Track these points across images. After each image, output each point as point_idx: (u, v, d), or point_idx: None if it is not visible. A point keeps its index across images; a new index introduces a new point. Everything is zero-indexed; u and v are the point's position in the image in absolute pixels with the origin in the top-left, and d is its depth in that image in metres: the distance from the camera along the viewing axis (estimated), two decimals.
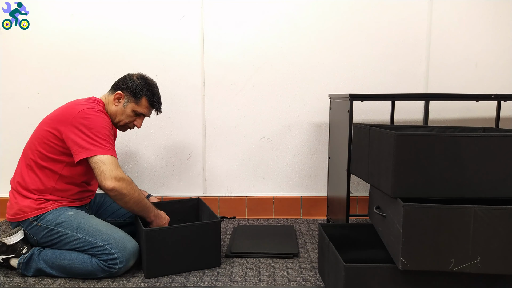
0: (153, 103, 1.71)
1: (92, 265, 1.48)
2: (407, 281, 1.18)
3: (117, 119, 1.69)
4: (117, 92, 1.66)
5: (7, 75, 2.20)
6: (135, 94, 1.66)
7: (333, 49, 2.18)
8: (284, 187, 2.30)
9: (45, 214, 1.53)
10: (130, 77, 1.69)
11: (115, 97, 1.67)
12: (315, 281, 1.50)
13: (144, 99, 1.68)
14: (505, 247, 1.09)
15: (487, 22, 2.16)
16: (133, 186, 1.52)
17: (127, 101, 1.67)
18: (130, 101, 1.67)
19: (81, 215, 1.56)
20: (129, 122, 1.71)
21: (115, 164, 1.48)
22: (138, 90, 1.67)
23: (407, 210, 1.11)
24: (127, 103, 1.67)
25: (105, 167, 1.45)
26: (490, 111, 2.17)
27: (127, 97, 1.67)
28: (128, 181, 1.49)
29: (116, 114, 1.68)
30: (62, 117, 1.53)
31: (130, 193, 1.49)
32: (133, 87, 1.66)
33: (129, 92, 1.66)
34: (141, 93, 1.67)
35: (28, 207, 1.53)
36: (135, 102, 1.67)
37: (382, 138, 1.25)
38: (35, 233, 1.53)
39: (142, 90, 1.67)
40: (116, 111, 1.68)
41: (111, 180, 1.44)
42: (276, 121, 2.24)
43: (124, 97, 1.67)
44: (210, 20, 2.16)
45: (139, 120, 1.72)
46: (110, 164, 1.46)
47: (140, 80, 1.69)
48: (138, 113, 1.70)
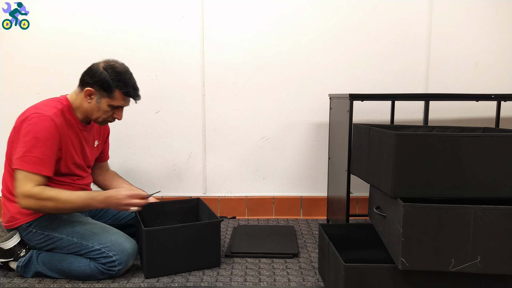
0: (128, 92, 1.53)
1: (91, 268, 1.47)
2: (407, 281, 1.18)
3: (94, 116, 1.56)
4: (86, 89, 1.50)
5: (7, 75, 2.20)
6: (106, 88, 1.50)
7: (333, 49, 2.18)
8: (284, 187, 2.30)
9: (38, 220, 1.50)
10: (97, 69, 1.51)
11: (86, 94, 1.51)
12: (315, 281, 1.50)
13: (118, 92, 1.51)
14: (505, 247, 1.09)
15: (487, 22, 2.16)
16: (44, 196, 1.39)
17: (99, 97, 1.51)
18: (102, 96, 1.51)
19: (75, 218, 1.54)
20: (108, 117, 1.57)
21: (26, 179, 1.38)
22: (109, 83, 1.49)
23: (407, 210, 1.11)
24: (100, 98, 1.51)
25: (17, 183, 1.39)
26: (490, 111, 2.17)
27: (98, 92, 1.51)
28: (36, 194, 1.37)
29: (92, 111, 1.54)
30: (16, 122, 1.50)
31: (43, 205, 1.40)
32: (102, 80, 1.49)
33: (100, 87, 1.50)
34: (113, 86, 1.50)
35: (19, 214, 1.49)
36: (108, 97, 1.51)
37: (382, 138, 1.25)
38: (31, 239, 1.52)
39: (113, 82, 1.50)
40: (91, 108, 1.53)
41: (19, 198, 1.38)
42: (276, 121, 2.24)
43: (95, 92, 1.51)
44: (210, 20, 2.16)
45: (118, 112, 1.58)
46: (20, 179, 1.38)
47: (108, 71, 1.50)
48: (115, 106, 1.55)
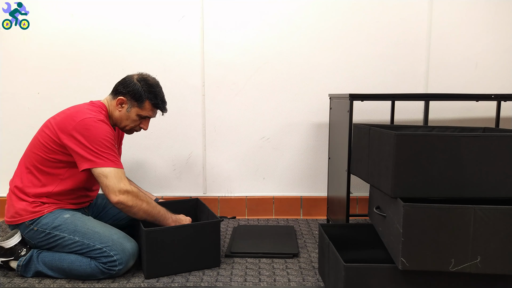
0: (157, 104, 1.65)
1: (92, 268, 1.47)
2: (407, 281, 1.18)
3: (122, 124, 1.66)
4: (119, 97, 1.61)
5: (7, 75, 2.20)
6: (137, 98, 1.61)
7: (333, 49, 2.18)
8: (284, 187, 2.30)
9: (41, 218, 1.51)
10: (131, 80, 1.62)
11: (118, 103, 1.62)
12: (315, 281, 1.50)
13: (148, 103, 1.62)
14: (505, 247, 1.09)
15: (487, 22, 2.16)
16: (141, 197, 1.50)
17: (130, 106, 1.62)
18: (133, 106, 1.62)
19: (77, 217, 1.54)
20: (135, 126, 1.67)
21: (118, 176, 1.46)
22: (141, 93, 1.60)
23: (407, 210, 1.11)
24: (130, 107, 1.62)
25: (108, 181, 1.45)
26: (490, 111, 2.17)
27: (129, 101, 1.62)
28: (133, 193, 1.48)
29: (121, 120, 1.65)
30: (63, 125, 1.51)
31: (138, 204, 1.48)
32: (134, 91, 1.60)
33: (131, 97, 1.61)
34: (144, 96, 1.61)
35: (24, 210, 1.51)
36: (138, 107, 1.62)
37: (382, 138, 1.25)
38: (32, 237, 1.52)
39: (145, 94, 1.61)
40: (120, 117, 1.64)
41: (115, 194, 1.44)
42: (276, 121, 2.24)
43: (126, 102, 1.62)
44: (210, 20, 2.16)
45: (145, 123, 1.68)
46: (113, 177, 1.45)
47: (141, 82, 1.62)
48: (143, 116, 1.66)
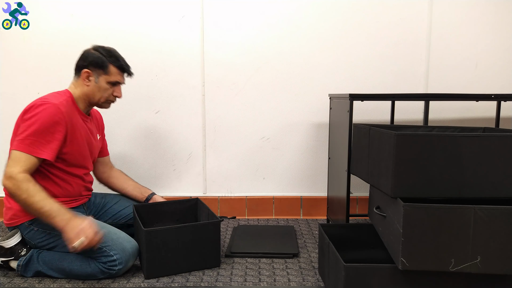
0: (122, 66, 1.65)
1: (91, 267, 1.47)
2: (407, 281, 1.18)
3: (96, 98, 1.63)
4: (83, 71, 1.59)
5: (7, 75, 2.20)
6: (101, 65, 1.60)
7: (333, 49, 2.18)
8: (284, 187, 2.30)
9: None
10: (88, 52, 1.62)
11: (84, 77, 1.60)
12: (315, 281, 1.50)
13: (112, 66, 1.62)
14: (505, 247, 1.09)
15: (487, 22, 2.16)
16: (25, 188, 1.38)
17: (96, 76, 1.61)
18: (99, 74, 1.61)
19: None
20: (109, 96, 1.65)
21: (19, 160, 1.40)
22: (102, 60, 1.60)
23: (407, 210, 1.11)
24: (97, 77, 1.61)
25: (8, 162, 1.42)
26: (490, 111, 2.17)
27: (94, 72, 1.60)
28: (18, 180, 1.38)
29: (93, 93, 1.62)
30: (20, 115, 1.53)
31: (17, 194, 1.39)
32: (95, 59, 1.59)
33: (95, 66, 1.60)
34: (106, 61, 1.60)
35: (21, 212, 1.49)
36: (104, 73, 1.61)
37: (382, 138, 1.25)
38: (32, 237, 1.52)
39: (106, 59, 1.61)
40: (92, 90, 1.61)
41: (5, 177, 1.40)
42: (276, 121, 2.24)
43: (92, 73, 1.60)
44: (210, 20, 2.16)
45: (117, 90, 1.67)
46: (13, 159, 1.41)
47: (99, 50, 1.62)
48: (113, 83, 1.64)
